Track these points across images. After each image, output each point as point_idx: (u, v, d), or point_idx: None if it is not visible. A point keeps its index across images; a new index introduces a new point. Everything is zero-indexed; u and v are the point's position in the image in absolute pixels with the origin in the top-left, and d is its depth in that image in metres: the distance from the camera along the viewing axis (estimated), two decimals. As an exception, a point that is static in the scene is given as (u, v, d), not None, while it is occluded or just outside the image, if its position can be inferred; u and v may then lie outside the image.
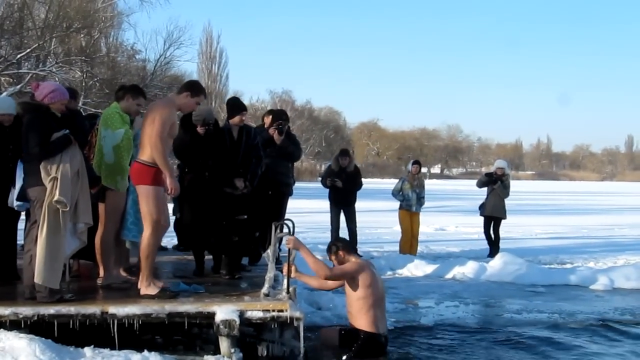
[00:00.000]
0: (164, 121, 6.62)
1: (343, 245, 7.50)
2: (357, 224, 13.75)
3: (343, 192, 13.57)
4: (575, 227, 23.34)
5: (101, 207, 7.40)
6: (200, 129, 8.10)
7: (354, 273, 7.10)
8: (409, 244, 14.28)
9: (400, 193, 14.36)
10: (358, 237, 15.78)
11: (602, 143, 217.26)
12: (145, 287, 6.78)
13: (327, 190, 13.87)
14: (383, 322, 7.23)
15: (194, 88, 6.97)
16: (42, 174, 6.39)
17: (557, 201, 44.13)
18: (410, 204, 14.25)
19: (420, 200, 14.36)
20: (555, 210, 33.62)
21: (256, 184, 8.50)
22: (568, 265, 13.91)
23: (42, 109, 6.56)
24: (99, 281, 7.51)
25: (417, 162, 14.88)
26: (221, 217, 7.97)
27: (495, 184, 14.76)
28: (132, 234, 7.54)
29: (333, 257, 7.44)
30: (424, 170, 16.11)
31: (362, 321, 7.05)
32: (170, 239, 11.44)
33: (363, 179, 14.31)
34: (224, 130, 8.33)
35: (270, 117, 10.24)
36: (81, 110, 15.14)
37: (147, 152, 6.67)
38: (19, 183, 7.04)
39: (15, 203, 7.26)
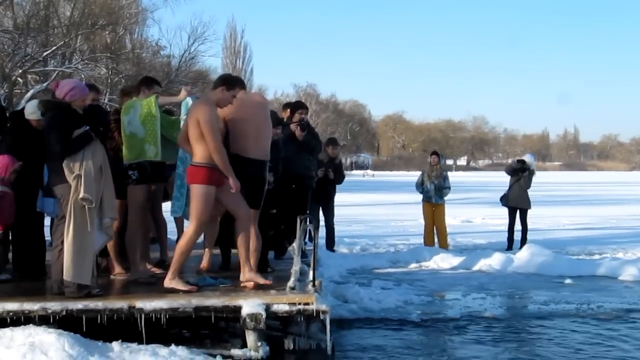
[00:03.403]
0: (211, 123, 6.67)
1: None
2: (383, 217, 13.48)
3: (327, 185, 12.48)
4: (604, 217, 23.13)
5: (124, 203, 7.47)
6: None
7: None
8: (431, 236, 14.23)
9: (422, 185, 14.32)
10: (384, 230, 15.76)
11: (630, 132, 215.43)
12: (169, 280, 6.84)
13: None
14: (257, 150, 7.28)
15: (228, 81, 7.03)
16: (66, 172, 6.43)
17: (585, 192, 43.78)
18: (429, 195, 14.18)
19: (441, 191, 14.21)
20: (583, 201, 33.34)
21: (280, 179, 8.52)
22: (596, 256, 13.78)
23: (63, 107, 6.60)
24: (112, 276, 7.65)
25: (434, 153, 14.79)
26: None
27: (524, 172, 14.67)
28: (173, 209, 7.56)
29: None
30: (449, 162, 15.95)
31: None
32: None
33: (389, 172, 14.15)
34: None
35: (288, 110, 10.24)
36: (106, 106, 15.21)
37: (198, 154, 6.76)
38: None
39: (46, 207, 7.37)
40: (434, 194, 14.17)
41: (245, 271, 6.97)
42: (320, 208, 12.67)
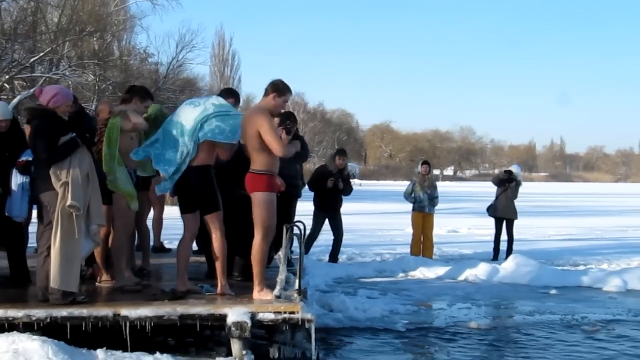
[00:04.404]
0: (272, 128, 6.77)
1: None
2: (370, 226, 13.47)
3: (335, 195, 12.81)
4: (589, 228, 23.25)
5: (110, 208, 7.43)
6: None
7: None
8: (418, 245, 14.23)
9: (412, 195, 14.29)
10: (370, 239, 15.72)
11: (616, 144, 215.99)
12: (258, 292, 6.88)
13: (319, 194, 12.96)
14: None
15: (279, 88, 7.04)
16: (53, 179, 6.41)
17: (571, 203, 43.98)
18: (422, 205, 14.16)
19: (433, 200, 14.23)
20: (569, 212, 33.50)
21: None
22: (581, 267, 13.86)
23: (49, 114, 6.58)
24: (97, 284, 7.63)
25: (426, 163, 14.77)
26: (235, 219, 7.95)
27: (511, 182, 14.73)
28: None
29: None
30: (436, 172, 16.03)
31: None
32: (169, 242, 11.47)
33: (376, 181, 14.11)
34: None
35: (277, 119, 10.24)
36: (93, 113, 15.17)
37: (258, 162, 6.85)
38: (15, 190, 7.15)
39: (13, 212, 7.34)
40: (427, 204, 14.18)
41: (257, 290, 6.94)
42: (328, 220, 12.85)
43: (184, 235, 7.19)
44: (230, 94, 7.71)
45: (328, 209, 12.74)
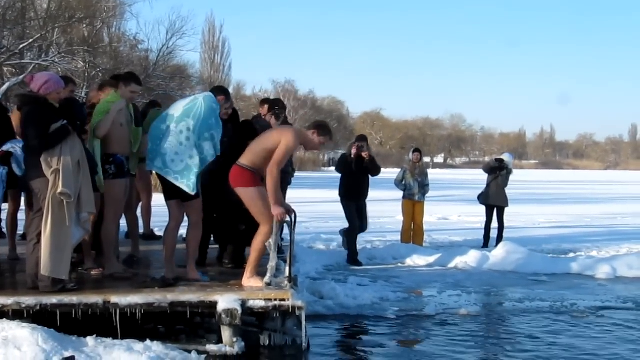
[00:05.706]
0: (289, 150, 6.81)
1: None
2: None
3: (360, 182, 12.79)
4: (578, 216, 23.30)
5: (98, 195, 7.37)
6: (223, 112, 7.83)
7: None
8: (409, 233, 14.22)
9: (403, 183, 14.26)
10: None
11: (605, 132, 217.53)
12: (248, 279, 6.93)
13: (335, 182, 13.08)
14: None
15: (321, 129, 7.17)
16: (44, 166, 6.39)
17: (561, 190, 44.06)
18: (412, 192, 14.14)
19: (423, 188, 14.19)
20: (559, 200, 33.58)
21: None
22: (571, 254, 13.88)
23: (40, 101, 6.55)
24: (82, 270, 7.60)
25: (417, 150, 14.74)
26: (227, 206, 7.93)
27: (502, 170, 14.71)
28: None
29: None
30: (427, 159, 15.97)
31: None
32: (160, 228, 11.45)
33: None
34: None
35: (266, 106, 10.22)
36: (83, 99, 15.11)
37: (249, 159, 6.89)
38: None
39: None
40: (417, 192, 14.15)
41: (247, 277, 6.99)
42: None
43: (169, 223, 7.20)
44: (220, 92, 7.65)
45: (353, 197, 12.72)
